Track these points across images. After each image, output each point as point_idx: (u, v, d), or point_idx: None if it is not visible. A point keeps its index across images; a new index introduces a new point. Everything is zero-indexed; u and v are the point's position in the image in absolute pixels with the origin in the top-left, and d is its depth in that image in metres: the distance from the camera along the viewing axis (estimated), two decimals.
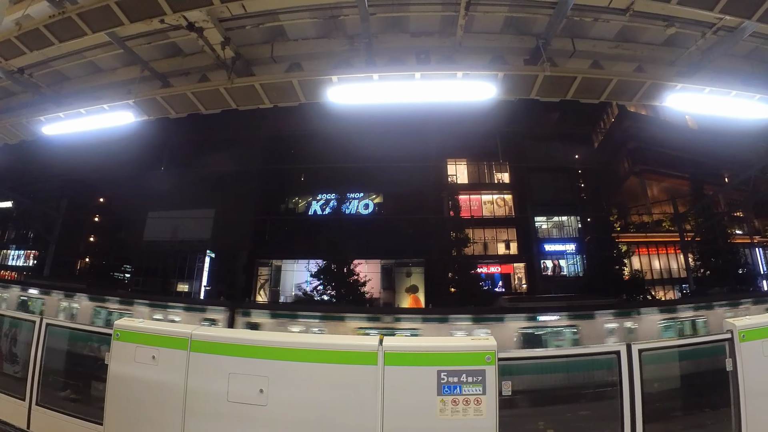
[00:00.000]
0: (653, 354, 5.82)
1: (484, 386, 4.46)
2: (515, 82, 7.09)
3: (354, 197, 38.84)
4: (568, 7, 6.29)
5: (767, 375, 5.76)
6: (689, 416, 6.03)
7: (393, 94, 6.46)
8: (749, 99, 8.45)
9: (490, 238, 40.94)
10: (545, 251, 41.21)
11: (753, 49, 8.81)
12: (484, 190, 43.02)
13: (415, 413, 4.39)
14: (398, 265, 37.66)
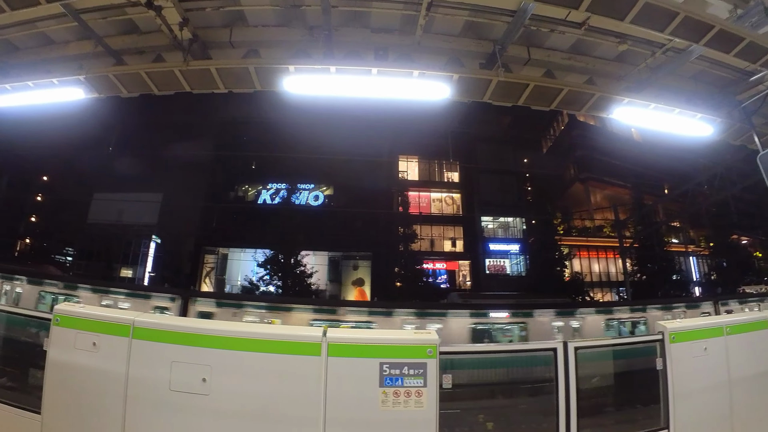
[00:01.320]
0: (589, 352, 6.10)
1: (425, 379, 4.53)
2: (469, 85, 7.22)
3: (304, 188, 38.47)
4: (527, 16, 6.45)
5: (694, 375, 6.10)
6: (621, 412, 6.34)
7: (349, 88, 6.49)
8: (691, 117, 8.91)
9: (437, 235, 41.56)
10: (490, 250, 42.07)
11: (699, 71, 9.26)
12: (433, 188, 43.65)
13: (358, 404, 4.45)
14: (345, 257, 37.67)
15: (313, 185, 38.58)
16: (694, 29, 6.09)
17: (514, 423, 5.77)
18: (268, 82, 7.79)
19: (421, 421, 4.49)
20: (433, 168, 44.29)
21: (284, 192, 37.86)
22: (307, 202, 38.09)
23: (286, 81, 6.54)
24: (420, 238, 37.79)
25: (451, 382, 4.80)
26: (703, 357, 6.23)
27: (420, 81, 6.52)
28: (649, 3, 5.34)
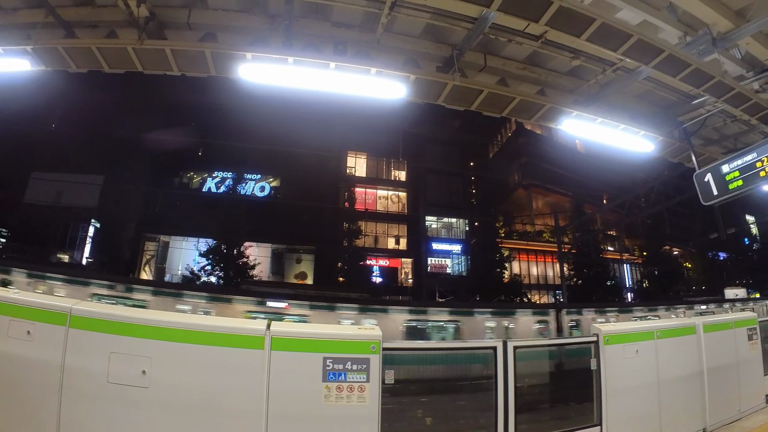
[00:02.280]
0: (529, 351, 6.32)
1: (368, 374, 4.59)
2: (425, 87, 7.29)
3: (251, 178, 37.76)
4: (487, 24, 6.56)
5: (625, 375, 6.49)
6: (558, 408, 6.62)
7: (306, 81, 6.44)
8: (635, 134, 9.31)
9: (382, 232, 41.76)
10: (433, 249, 42.59)
11: (645, 91, 9.67)
12: (381, 185, 43.79)
13: (301, 399, 4.45)
14: (289, 250, 37.30)
15: (260, 176, 37.93)
16: (645, 52, 6.36)
17: (452, 418, 5.91)
18: (223, 68, 7.63)
19: (364, 416, 4.54)
20: (381, 165, 44.46)
21: (230, 181, 37.04)
22: (253, 193, 37.40)
23: (242, 68, 6.41)
24: (364, 234, 37.90)
25: (393, 377, 4.88)
26: (634, 358, 6.60)
27: (377, 79, 6.54)
28: (606, 23, 5.54)
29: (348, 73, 6.29)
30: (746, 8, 7.25)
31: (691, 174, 9.56)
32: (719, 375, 7.93)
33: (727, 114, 10.06)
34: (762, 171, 8.21)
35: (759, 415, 8.28)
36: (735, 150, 10.95)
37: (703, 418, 7.47)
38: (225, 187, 37.01)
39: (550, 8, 5.01)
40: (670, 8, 7.33)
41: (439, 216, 44.99)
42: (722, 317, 10.09)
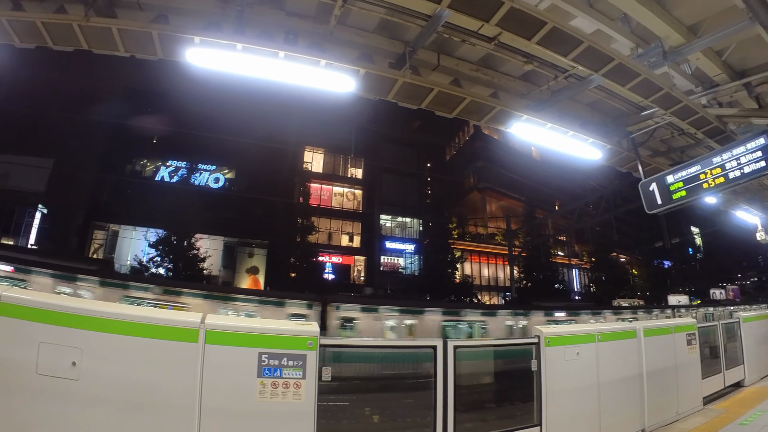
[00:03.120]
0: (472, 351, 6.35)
1: (305, 371, 4.49)
2: (376, 82, 7.22)
3: (206, 169, 36.80)
4: (441, 22, 6.55)
5: (565, 376, 6.58)
6: (499, 408, 6.68)
7: (254, 69, 6.27)
8: (584, 141, 9.47)
9: (336, 229, 41.56)
10: (386, 248, 42.69)
11: (596, 100, 9.87)
12: (336, 181, 43.57)
13: (235, 394, 4.33)
14: (241, 244, 36.58)
15: (215, 167, 37.01)
16: (596, 59, 6.46)
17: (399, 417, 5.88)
18: (171, 51, 7.35)
19: (299, 414, 4.45)
20: (338, 162, 44.17)
21: (184, 171, 36.12)
22: (206, 184, 36.43)
23: (189, 52, 6.20)
24: (318, 230, 37.56)
25: (330, 374, 4.79)
26: (575, 360, 6.70)
27: (326, 71, 6.43)
28: (557, 28, 5.59)
29: (297, 64, 6.15)
30: (698, 24, 7.49)
31: (637, 183, 9.80)
32: (658, 378, 8.16)
33: (674, 127, 10.35)
34: (705, 183, 8.50)
35: (696, 417, 8.58)
36: (681, 162, 11.30)
37: (642, 419, 7.67)
38: (178, 176, 36.00)
39: (501, 8, 5.02)
40: (624, 19, 7.51)
41: (394, 215, 45.19)
42: (662, 322, 10.44)
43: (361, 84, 6.93)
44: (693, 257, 71.02)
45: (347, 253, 41.15)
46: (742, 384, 11.41)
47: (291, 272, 33.21)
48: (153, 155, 36.98)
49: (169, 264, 29.09)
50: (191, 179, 35.90)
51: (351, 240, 41.91)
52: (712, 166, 8.46)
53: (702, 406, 9.18)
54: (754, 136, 8.00)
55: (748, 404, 9.43)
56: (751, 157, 7.98)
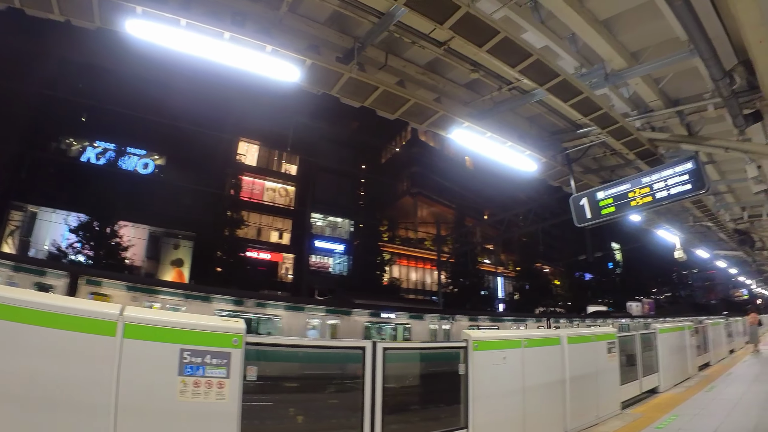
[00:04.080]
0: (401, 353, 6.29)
1: (229, 369, 4.26)
2: (321, 75, 7.03)
3: (135, 153, 34.69)
4: (394, 20, 6.46)
5: (492, 380, 6.65)
6: (427, 410, 6.68)
7: (197, 48, 5.93)
8: (520, 153, 9.62)
9: (266, 224, 40.72)
10: (316, 247, 42.31)
11: (536, 115, 10.08)
12: (269, 176, 42.68)
13: (154, 393, 4.01)
14: (167, 234, 34.86)
15: (145, 152, 35.00)
16: (543, 73, 6.55)
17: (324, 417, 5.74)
18: (110, 20, 6.80)
19: (222, 414, 4.20)
20: (272, 156, 43.33)
21: (112, 153, 33.87)
22: (135, 169, 34.38)
23: (130, 23, 5.79)
24: (248, 224, 36.76)
25: (256, 374, 4.58)
26: (502, 365, 6.80)
27: (272, 58, 6.19)
28: (509, 38, 5.61)
29: (243, 47, 5.87)
30: (641, 51, 7.78)
31: (566, 198, 10.07)
32: (580, 383, 8.44)
33: (607, 146, 10.73)
34: (633, 201, 8.85)
35: (614, 421, 8.95)
36: (610, 180, 11.72)
37: (564, 422, 7.91)
38: (106, 159, 33.61)
39: (457, 12, 4.97)
40: (572, 39, 7.70)
41: (326, 214, 44.86)
42: (585, 331, 10.86)
43: (307, 75, 6.71)
44: (612, 271, 75.00)
45: (276, 250, 40.39)
46: (657, 390, 12.11)
47: (217, 266, 32.25)
48: (81, 134, 34.10)
49: (90, 251, 27.50)
50: (119, 163, 33.81)
51: (281, 237, 41.20)
52: (641, 186, 8.82)
53: (620, 411, 9.62)
54: (682, 161, 8.38)
55: (663, 409, 9.94)
56: (678, 179, 8.36)
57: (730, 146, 8.64)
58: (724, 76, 6.72)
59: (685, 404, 10.38)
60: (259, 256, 38.42)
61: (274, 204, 42.00)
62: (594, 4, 6.78)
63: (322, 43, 7.31)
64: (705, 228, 19.63)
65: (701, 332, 17.89)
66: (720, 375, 14.99)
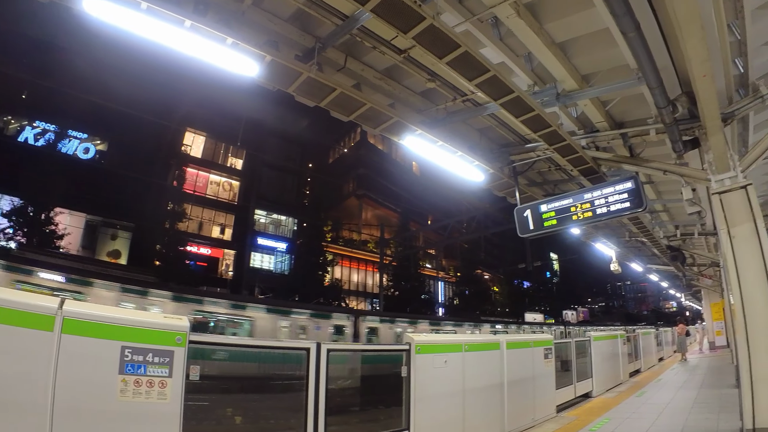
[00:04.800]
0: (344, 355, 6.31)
1: (171, 369, 4.13)
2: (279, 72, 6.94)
3: (77, 136, 33.13)
4: (357, 25, 6.48)
5: (433, 383, 6.78)
6: (370, 412, 6.71)
7: (156, 34, 5.73)
8: (469, 163, 9.82)
9: (208, 219, 39.83)
10: (258, 244, 41.70)
11: (487, 127, 10.29)
12: (215, 169, 41.75)
13: (93, 392, 3.82)
14: (105, 224, 33.53)
15: (87, 135, 33.53)
16: (498, 89, 6.69)
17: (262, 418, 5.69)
18: None
19: (164, 415, 4.07)
20: (219, 149, 42.44)
21: (52, 135, 32.29)
22: (75, 153, 32.93)
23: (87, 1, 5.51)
24: (189, 218, 35.76)
25: (198, 373, 4.48)
26: (443, 368, 6.93)
27: (231, 51, 6.07)
28: (469, 53, 5.71)
29: (202, 37, 5.73)
30: (592, 75, 8.11)
31: (510, 209, 10.35)
32: (518, 387, 8.73)
33: (552, 162, 11.07)
34: (575, 215, 9.19)
35: (550, 424, 9.32)
36: (554, 194, 12.12)
37: (502, 424, 8.16)
38: (45, 140, 31.98)
39: (422, 23, 5.03)
40: (528, 58, 7.93)
41: (270, 211, 44.27)
42: (523, 337, 11.21)
43: (264, 71, 6.61)
44: (550, 280, 77.44)
45: (217, 245, 39.64)
46: (590, 395, 12.71)
47: (155, 260, 31.25)
48: (19, 112, 32.16)
49: (23, 238, 26.17)
50: (59, 146, 32.24)
51: (222, 232, 40.44)
52: (583, 201, 9.15)
53: (555, 414, 10.03)
54: (623, 180, 8.75)
55: (596, 413, 10.42)
56: (618, 197, 8.72)
57: (668, 169, 9.05)
58: (668, 105, 7.09)
59: (617, 408, 10.90)
60: (199, 251, 37.59)
61: (217, 198, 41.13)
62: (552, 27, 7.01)
63: (283, 40, 7.23)
64: (640, 243, 20.56)
65: (633, 341, 18.86)
66: (650, 381, 15.84)
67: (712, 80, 5.97)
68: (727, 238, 7.17)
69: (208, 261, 38.48)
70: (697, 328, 36.18)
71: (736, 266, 6.95)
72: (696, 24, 4.84)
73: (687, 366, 20.99)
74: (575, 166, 9.76)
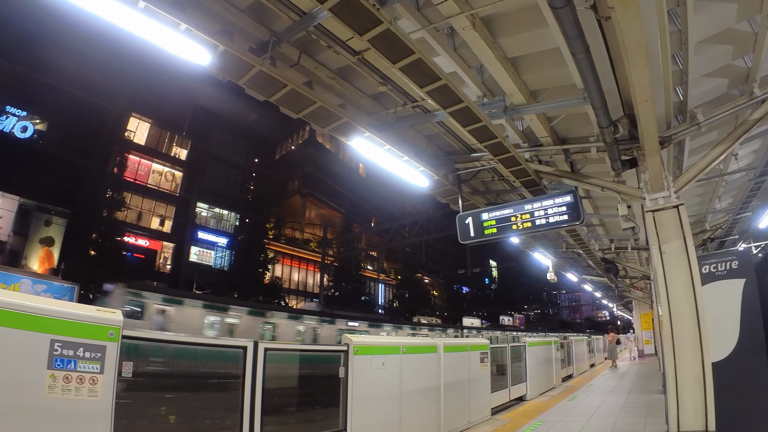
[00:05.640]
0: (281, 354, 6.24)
1: (103, 364, 3.95)
2: (231, 63, 6.81)
3: (14, 113, 30.83)
4: (315, 22, 6.44)
5: (370, 384, 6.84)
6: (306, 412, 6.68)
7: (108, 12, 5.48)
8: (415, 168, 9.94)
9: (148, 209, 38.46)
10: (198, 238, 40.72)
11: (434, 134, 10.43)
12: (157, 158, 40.26)
13: (19, 388, 3.60)
14: (39, 209, 31.37)
15: (26, 113, 31.32)
16: (448, 97, 6.78)
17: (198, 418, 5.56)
18: None
19: (95, 413, 3.89)
20: (163, 137, 41.06)
21: None
22: (11, 131, 30.63)
23: None
24: (128, 207, 34.51)
25: (132, 370, 4.33)
26: (381, 370, 6.98)
27: (184, 38, 5.92)
28: (422, 60, 5.77)
29: (155, 20, 5.55)
30: (540, 91, 8.38)
31: (452, 215, 10.54)
32: (454, 390, 8.93)
33: (496, 172, 11.31)
34: (514, 225, 9.44)
35: (485, 426, 9.59)
36: (495, 203, 12.40)
37: (439, 426, 8.33)
38: None
39: (378, 27, 5.04)
40: (479, 70, 8.09)
41: (212, 205, 43.22)
42: (460, 341, 11.43)
43: (217, 61, 6.47)
44: (489, 286, 79.18)
45: (156, 237, 38.38)
46: (524, 398, 13.17)
47: (91, 249, 29.91)
48: None
49: None
50: None
51: (162, 224, 39.16)
52: (522, 212, 9.42)
53: (490, 416, 10.34)
54: (563, 193, 9.06)
55: (529, 415, 10.79)
56: (557, 210, 9.02)
57: (607, 186, 9.41)
58: (610, 125, 7.40)
59: (549, 411, 11.32)
60: (137, 243, 36.28)
61: (159, 188, 39.77)
62: (505, 42, 7.17)
63: (238, 30, 7.11)
64: (576, 254, 21.31)
65: (566, 347, 19.54)
66: (582, 386, 16.51)
67: (653, 105, 6.26)
68: (658, 253, 7.52)
69: (146, 253, 37.13)
70: (629, 338, 37.81)
71: (665, 280, 7.30)
72: (641, 51, 5.06)
73: (617, 372, 21.93)
74: (518, 178, 10.01)
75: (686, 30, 6.38)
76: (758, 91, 7.88)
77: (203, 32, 6.07)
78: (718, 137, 9.37)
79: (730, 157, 10.78)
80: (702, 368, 6.71)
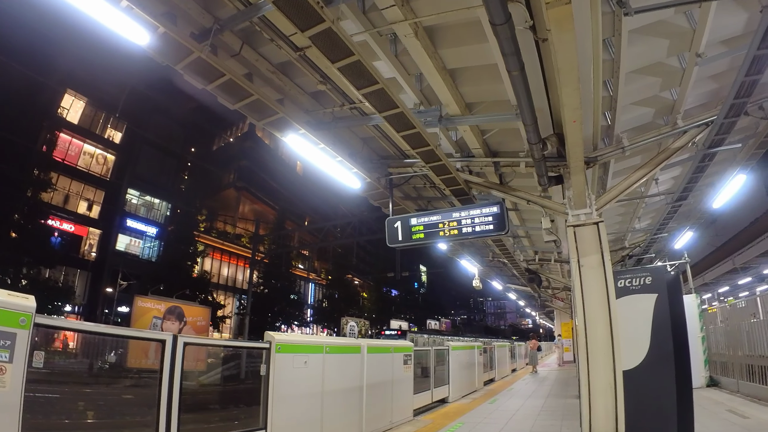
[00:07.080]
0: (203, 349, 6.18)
1: (12, 353, 3.69)
2: (170, 46, 6.65)
3: None
4: (259, 13, 6.39)
5: (292, 383, 6.85)
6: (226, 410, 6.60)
7: None
8: (348, 169, 10.03)
9: (75, 192, 36.66)
10: (127, 226, 39.29)
11: (370, 137, 10.52)
12: (90, 139, 38.46)
13: None
14: None
15: None
16: (384, 102, 6.86)
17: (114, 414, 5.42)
18: None
19: (2, 405, 3.64)
20: (98, 117, 39.31)
21: None
22: None
23: None
24: (55, 188, 32.26)
25: (43, 360, 4.15)
26: (303, 369, 7.02)
27: (125, 16, 5.74)
28: (361, 62, 5.83)
29: None
30: (475, 104, 8.64)
31: (383, 219, 10.68)
32: (377, 390, 9.04)
33: (428, 179, 11.52)
34: (441, 231, 9.67)
35: (406, 426, 9.77)
36: (425, 209, 12.67)
37: (360, 426, 8.40)
38: None
39: (320, 25, 5.06)
40: (418, 78, 8.23)
41: (143, 192, 41.77)
42: (384, 342, 11.59)
43: (156, 42, 6.30)
44: (417, 290, 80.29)
45: (82, 222, 36.66)
46: (446, 400, 13.49)
47: (11, 231, 27.99)
48: None
49: None
50: None
51: (89, 209, 37.49)
52: (450, 219, 9.65)
53: (412, 417, 10.51)
54: (490, 204, 9.36)
55: (451, 417, 11.05)
56: (483, 219, 9.31)
57: (532, 200, 9.77)
58: (539, 142, 7.69)
59: (470, 413, 11.64)
60: (62, 227, 34.40)
61: (89, 171, 38.01)
62: (446, 53, 7.35)
63: (181, 14, 6.93)
64: (502, 264, 21.95)
65: (489, 352, 20.14)
66: (502, 390, 17.08)
67: (581, 127, 6.57)
68: (577, 266, 7.89)
69: (71, 238, 35.25)
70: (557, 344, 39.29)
71: (582, 292, 7.68)
72: (573, 74, 5.33)
73: (537, 377, 22.76)
74: (448, 186, 10.23)
75: (619, 59, 6.78)
76: (681, 122, 8.51)
77: (145, 12, 5.93)
78: (641, 162, 9.88)
79: (651, 181, 11.45)
80: (614, 375, 7.09)
